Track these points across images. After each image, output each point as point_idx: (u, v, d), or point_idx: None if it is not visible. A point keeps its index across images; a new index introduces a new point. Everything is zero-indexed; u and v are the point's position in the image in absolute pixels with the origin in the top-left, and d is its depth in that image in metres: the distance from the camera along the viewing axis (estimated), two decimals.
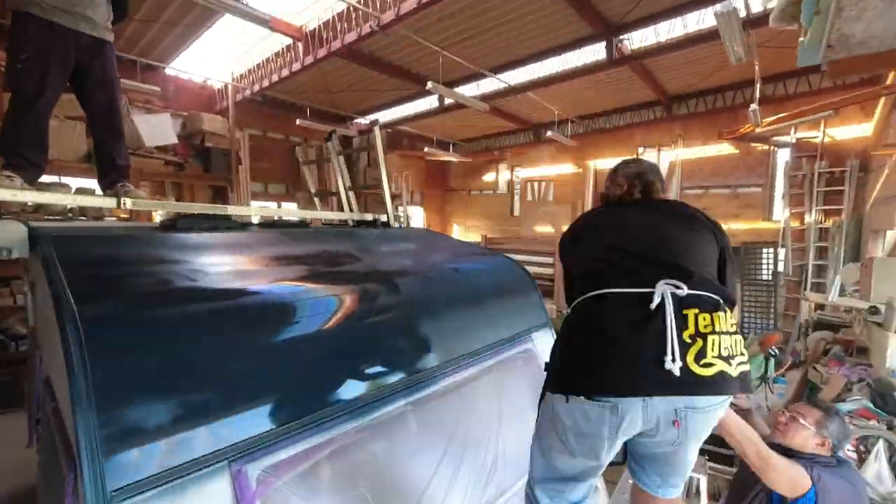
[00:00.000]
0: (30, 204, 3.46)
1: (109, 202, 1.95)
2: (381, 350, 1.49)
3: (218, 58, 7.19)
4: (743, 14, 4.54)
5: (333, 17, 5.67)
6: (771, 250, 7.70)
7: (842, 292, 4.00)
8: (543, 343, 2.17)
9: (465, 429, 1.61)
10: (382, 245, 2.36)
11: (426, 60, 6.95)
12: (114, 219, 4.27)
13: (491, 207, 12.69)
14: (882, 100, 6.09)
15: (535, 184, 11.61)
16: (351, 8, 5.28)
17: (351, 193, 3.36)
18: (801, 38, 1.76)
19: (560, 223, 10.92)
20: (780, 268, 7.65)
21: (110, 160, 2.13)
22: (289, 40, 6.12)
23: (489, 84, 8.02)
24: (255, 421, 1.10)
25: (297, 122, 7.36)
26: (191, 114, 6.10)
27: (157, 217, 4.69)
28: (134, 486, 0.89)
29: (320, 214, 3.01)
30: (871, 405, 2.13)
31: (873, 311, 2.64)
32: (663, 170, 9.31)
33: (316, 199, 4.05)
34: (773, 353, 4.46)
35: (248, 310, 1.27)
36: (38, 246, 1.31)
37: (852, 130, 7.12)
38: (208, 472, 0.99)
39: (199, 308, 1.20)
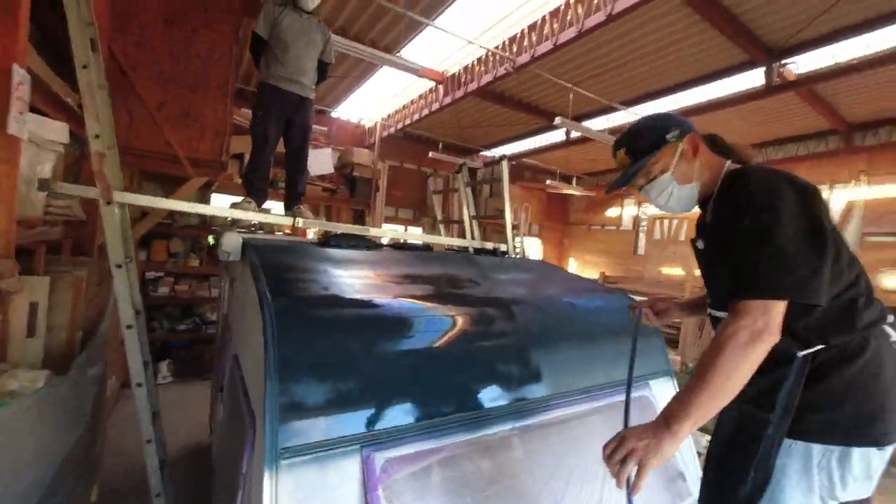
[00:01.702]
0: (229, 220, 4.46)
1: (288, 220, 2.47)
2: (494, 372, 1.58)
3: (372, 101, 8.42)
4: None
5: (473, 62, 6.20)
6: None
7: None
8: (661, 392, 2.03)
9: (571, 465, 1.59)
10: (502, 273, 2.49)
11: (556, 96, 7.08)
12: (281, 233, 5.21)
13: (612, 244, 11.99)
14: None
15: (666, 221, 10.64)
16: (489, 53, 5.72)
17: (475, 222, 3.59)
18: None
19: (692, 266, 9.78)
20: None
21: (293, 188, 2.76)
22: (431, 84, 6.87)
23: (620, 117, 7.77)
24: (385, 416, 1.28)
25: (430, 154, 8.10)
26: (346, 148, 7.20)
27: (310, 234, 5.58)
28: (295, 449, 1.12)
29: (444, 240, 3.28)
30: None
31: None
32: (837, 211, 7.74)
33: (441, 226, 4.39)
34: None
35: (388, 319, 1.49)
36: (246, 252, 1.75)
37: None
38: (345, 451, 1.19)
39: (352, 312, 1.46)
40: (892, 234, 6.99)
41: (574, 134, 8.47)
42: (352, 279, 1.79)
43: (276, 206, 4.95)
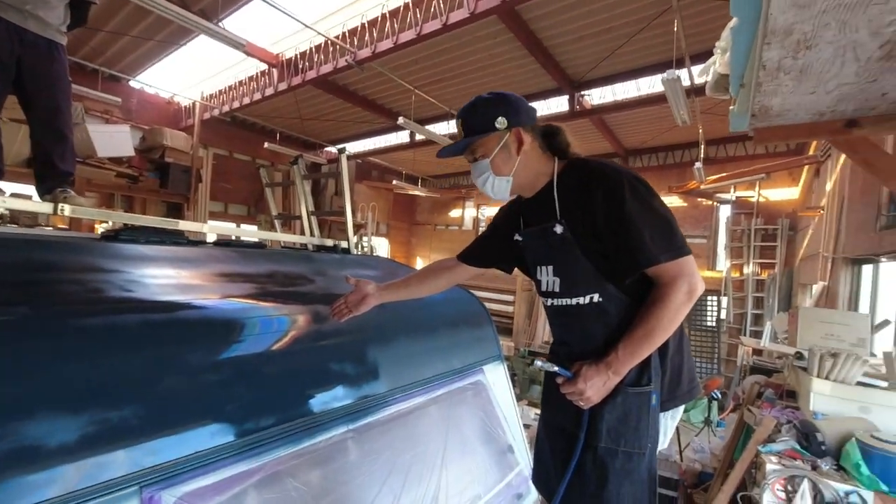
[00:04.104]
0: None
1: (45, 207, 1.84)
2: (322, 374, 1.44)
3: (189, 75, 7.11)
4: (687, 83, 5.04)
5: (311, 48, 5.82)
6: (715, 298, 8.18)
7: (774, 339, 4.30)
8: (494, 376, 2.18)
9: (409, 459, 1.56)
10: (338, 270, 2.34)
11: (400, 97, 7.19)
12: (50, 228, 3.99)
13: (456, 243, 12.86)
14: (805, 168, 6.83)
15: None
16: (328, 42, 5.44)
17: (313, 218, 3.32)
18: (731, 107, 1.99)
19: None
20: (724, 315, 8.12)
21: (49, 164, 2.04)
22: (264, 65, 6.19)
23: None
24: (175, 443, 1.02)
25: (266, 145, 7.32)
26: (152, 128, 5.93)
27: (101, 229, 4.43)
28: None
29: (279, 236, 2.95)
30: (797, 446, 2.25)
31: (799, 356, 2.84)
32: None
33: (277, 223, 3.97)
34: (715, 396, 4.66)
35: (176, 325, 1.21)
36: None
37: (782, 193, 7.90)
38: (114, 497, 0.91)
39: (122, 320, 1.13)
40: None
41: (419, 136, 8.77)
42: (137, 279, 1.42)
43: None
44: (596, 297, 1.12)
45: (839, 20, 1.04)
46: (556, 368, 1.14)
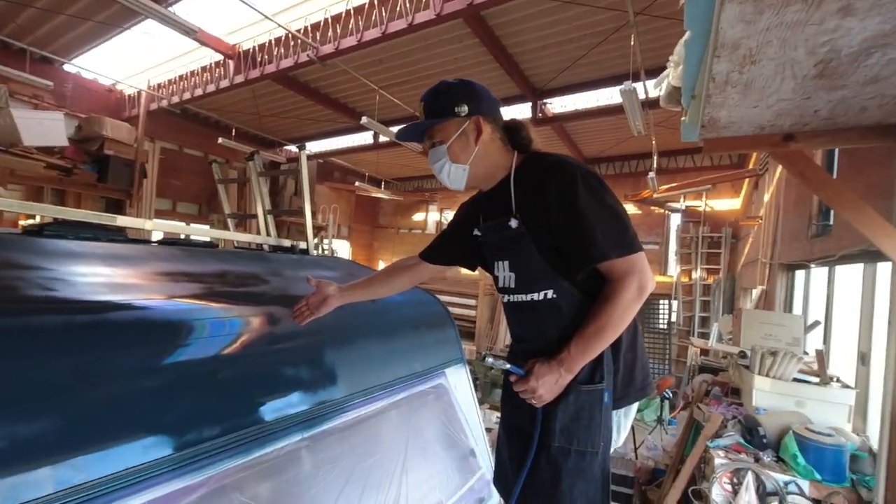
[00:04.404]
0: None
1: None
2: (274, 379, 1.36)
3: (134, 62, 6.58)
4: (643, 96, 5.28)
5: (270, 41, 5.60)
6: (666, 302, 8.60)
7: (719, 340, 4.57)
8: (456, 379, 2.15)
9: (368, 466, 1.50)
10: (295, 271, 2.24)
11: (363, 97, 7.07)
12: None
13: (418, 247, 12.56)
14: (746, 180, 7.34)
15: None
16: (289, 35, 5.26)
17: (270, 218, 3.18)
18: (682, 118, 2.08)
19: None
20: (674, 318, 8.55)
21: None
22: (218, 56, 5.89)
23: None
24: (101, 458, 0.92)
25: (220, 140, 6.96)
26: (90, 116, 5.47)
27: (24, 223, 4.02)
28: None
29: (232, 236, 2.79)
30: (742, 440, 2.38)
31: (742, 355, 3.02)
32: None
33: (230, 222, 3.76)
34: (667, 395, 4.86)
35: (105, 327, 1.09)
36: None
37: (726, 203, 8.44)
38: None
39: (39, 321, 1.01)
40: None
41: (383, 138, 8.67)
42: (74, 279, 1.28)
43: None
44: (550, 294, 1.11)
45: (780, 38, 1.11)
46: (507, 366, 1.12)
